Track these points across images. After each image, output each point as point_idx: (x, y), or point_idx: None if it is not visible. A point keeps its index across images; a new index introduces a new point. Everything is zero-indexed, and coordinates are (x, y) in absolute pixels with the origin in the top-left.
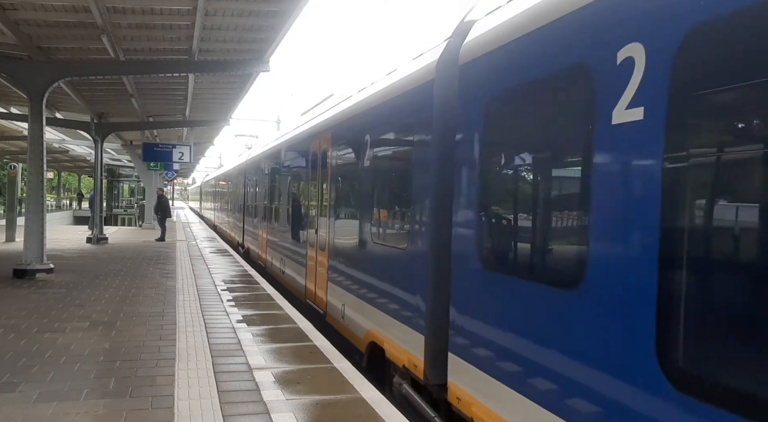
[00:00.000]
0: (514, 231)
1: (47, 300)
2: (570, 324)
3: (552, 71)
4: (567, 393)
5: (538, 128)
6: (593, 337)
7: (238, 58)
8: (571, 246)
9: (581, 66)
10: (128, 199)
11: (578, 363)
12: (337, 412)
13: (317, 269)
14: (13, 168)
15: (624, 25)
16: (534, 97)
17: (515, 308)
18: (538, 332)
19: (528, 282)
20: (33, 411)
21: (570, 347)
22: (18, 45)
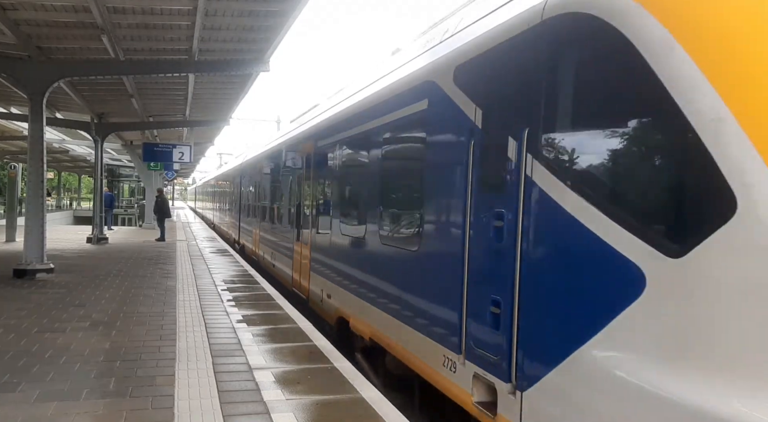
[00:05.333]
0: (391, 220)
1: (47, 300)
2: (414, 269)
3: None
4: (414, 310)
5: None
6: (426, 275)
7: (238, 58)
8: (413, 228)
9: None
10: (128, 199)
11: (422, 292)
12: (337, 412)
13: (301, 261)
14: (13, 168)
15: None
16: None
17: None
18: (402, 276)
19: (397, 248)
20: (33, 411)
21: (415, 282)
22: (18, 45)
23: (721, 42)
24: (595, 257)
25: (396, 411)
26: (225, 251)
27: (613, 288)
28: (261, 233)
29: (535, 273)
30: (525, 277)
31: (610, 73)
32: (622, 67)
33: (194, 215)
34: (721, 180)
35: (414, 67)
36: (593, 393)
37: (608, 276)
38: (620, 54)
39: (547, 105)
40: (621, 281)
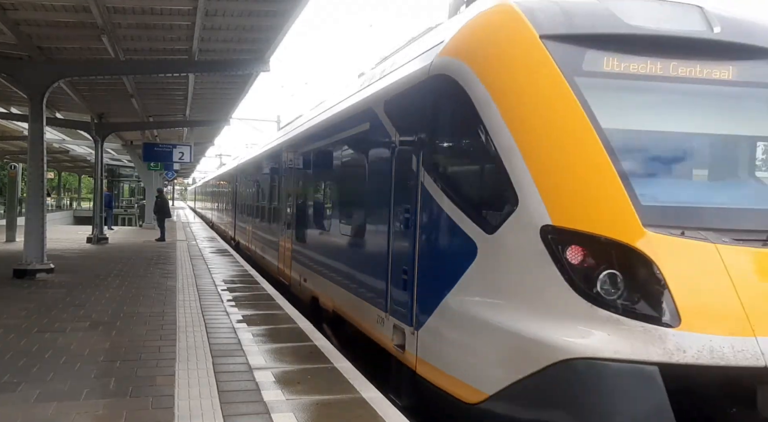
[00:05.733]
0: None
1: (47, 300)
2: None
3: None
4: (360, 284)
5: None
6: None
7: (238, 58)
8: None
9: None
10: (128, 199)
11: (365, 270)
12: (337, 412)
13: (284, 254)
14: (13, 168)
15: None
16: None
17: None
18: (352, 259)
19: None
20: (33, 411)
21: (360, 263)
22: (18, 45)
23: (513, 103)
24: (452, 235)
25: (396, 412)
26: (225, 251)
27: (461, 255)
28: (253, 230)
29: (423, 249)
30: (419, 252)
31: (459, 116)
32: (464, 113)
33: (194, 215)
34: (511, 187)
35: (361, 97)
36: (453, 327)
37: (458, 247)
38: (463, 104)
39: (429, 135)
40: (465, 250)
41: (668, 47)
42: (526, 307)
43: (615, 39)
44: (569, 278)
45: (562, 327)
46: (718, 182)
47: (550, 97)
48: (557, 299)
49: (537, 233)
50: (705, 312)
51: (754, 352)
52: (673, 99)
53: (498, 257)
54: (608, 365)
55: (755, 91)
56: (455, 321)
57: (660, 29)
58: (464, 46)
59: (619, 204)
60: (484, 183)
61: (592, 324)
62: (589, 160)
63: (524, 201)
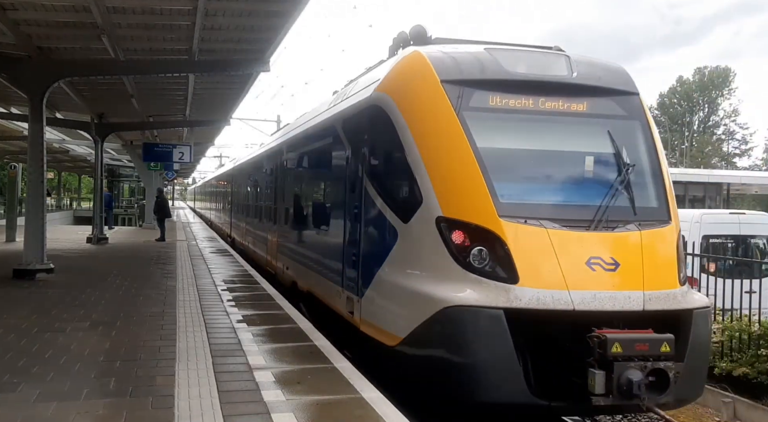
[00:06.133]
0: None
1: (47, 300)
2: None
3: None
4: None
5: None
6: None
7: (238, 58)
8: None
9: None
10: (128, 199)
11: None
12: (337, 412)
13: (272, 247)
14: (13, 168)
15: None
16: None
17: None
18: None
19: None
20: (33, 411)
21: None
22: (18, 45)
23: (420, 129)
24: (383, 226)
25: (396, 411)
26: (225, 251)
27: (388, 240)
28: (246, 227)
29: (365, 237)
30: (362, 240)
31: (386, 137)
32: (389, 135)
33: (193, 215)
34: (419, 190)
35: (328, 115)
36: (382, 293)
37: (386, 234)
38: (389, 128)
39: (369, 150)
40: (390, 236)
41: (538, 88)
42: (425, 274)
43: (496, 82)
44: (452, 253)
45: (446, 287)
46: (561, 186)
47: (444, 126)
48: (444, 267)
49: (433, 222)
50: (535, 274)
51: (566, 301)
52: (539, 126)
53: (410, 240)
54: (471, 309)
55: (601, 120)
56: (383, 288)
57: (532, 74)
58: (390, 85)
59: (484, 202)
60: (402, 187)
61: (464, 284)
62: (466, 171)
63: (426, 200)
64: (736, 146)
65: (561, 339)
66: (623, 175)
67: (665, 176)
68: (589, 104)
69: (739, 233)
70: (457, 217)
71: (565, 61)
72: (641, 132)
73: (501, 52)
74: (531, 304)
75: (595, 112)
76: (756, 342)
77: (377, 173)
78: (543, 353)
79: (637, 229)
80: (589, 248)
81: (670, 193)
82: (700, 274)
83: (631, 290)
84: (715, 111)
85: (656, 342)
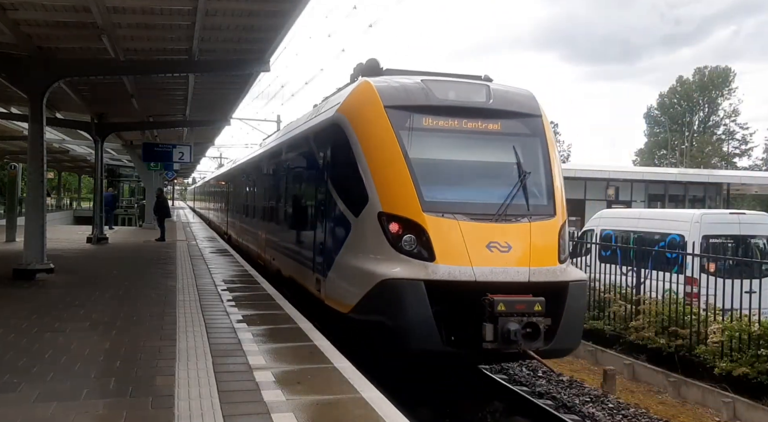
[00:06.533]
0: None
1: (47, 300)
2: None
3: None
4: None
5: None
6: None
7: (238, 58)
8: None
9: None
10: (128, 199)
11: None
12: (337, 412)
13: (261, 242)
14: (13, 168)
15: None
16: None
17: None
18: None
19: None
20: (33, 411)
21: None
22: (18, 45)
23: (367, 143)
24: (341, 220)
25: (396, 411)
26: (225, 251)
27: (344, 231)
28: (240, 225)
29: (329, 230)
30: (327, 232)
31: (343, 149)
32: (346, 147)
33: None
34: (366, 191)
35: (303, 128)
36: (339, 272)
37: (343, 227)
38: (345, 142)
39: (331, 159)
40: (346, 228)
41: (461, 111)
42: (369, 256)
43: (427, 107)
44: (389, 239)
45: (383, 265)
46: (473, 188)
47: (385, 141)
48: (383, 251)
49: (376, 216)
50: (448, 254)
51: (470, 274)
52: (461, 142)
53: (360, 230)
54: (400, 281)
55: (510, 137)
56: (340, 269)
57: (458, 101)
58: (346, 107)
59: (413, 200)
60: (355, 189)
61: (397, 263)
62: (400, 176)
63: (371, 199)
64: (736, 146)
65: (465, 302)
66: (521, 180)
67: (556, 180)
68: (502, 125)
69: (739, 233)
70: (393, 212)
71: (486, 89)
72: (540, 147)
73: (434, 82)
74: (444, 276)
75: (506, 131)
76: (756, 342)
77: (337, 178)
78: (452, 313)
79: (528, 221)
80: (490, 235)
81: (558, 194)
82: (700, 274)
83: (519, 266)
84: (715, 111)
85: (531, 303)
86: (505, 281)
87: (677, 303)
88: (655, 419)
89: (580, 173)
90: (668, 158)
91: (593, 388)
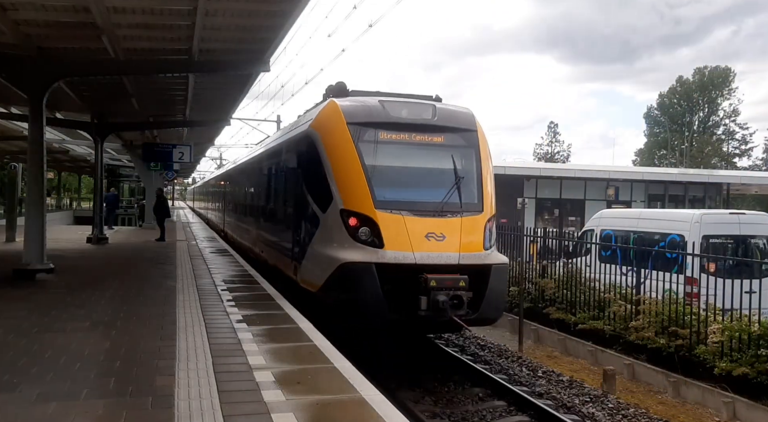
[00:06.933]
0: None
1: (47, 300)
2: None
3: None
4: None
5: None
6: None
7: (238, 58)
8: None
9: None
10: (128, 199)
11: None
12: (338, 412)
13: (252, 237)
14: (13, 168)
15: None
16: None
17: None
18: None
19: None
20: (33, 411)
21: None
22: (18, 45)
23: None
24: (312, 216)
25: (396, 412)
26: (225, 251)
27: (315, 225)
28: (235, 222)
29: (303, 224)
30: (303, 227)
31: (314, 157)
32: (315, 156)
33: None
34: (331, 192)
35: (285, 138)
36: (310, 259)
37: (314, 221)
38: (315, 151)
39: (305, 164)
40: (316, 222)
41: (411, 127)
42: (333, 245)
43: (382, 123)
44: (349, 232)
45: (343, 252)
46: (417, 189)
47: (347, 151)
48: (343, 241)
49: (339, 212)
50: (394, 242)
51: (411, 258)
52: (409, 152)
53: (326, 224)
54: (356, 264)
55: (450, 148)
56: (311, 256)
57: (408, 118)
58: (317, 123)
59: (367, 199)
60: (322, 190)
61: (354, 250)
62: (358, 180)
63: (335, 198)
64: (736, 146)
65: (408, 280)
66: (456, 183)
67: (486, 183)
68: (445, 138)
69: (739, 233)
70: (352, 209)
71: (432, 108)
72: (474, 156)
73: (389, 102)
74: (390, 260)
75: (447, 143)
76: (756, 342)
77: (309, 181)
78: (397, 289)
79: (460, 216)
80: (428, 227)
81: (487, 194)
82: (700, 274)
83: (451, 252)
84: (715, 111)
85: (457, 280)
86: (440, 264)
87: (677, 303)
88: (655, 419)
89: (580, 173)
90: (668, 158)
91: (593, 388)
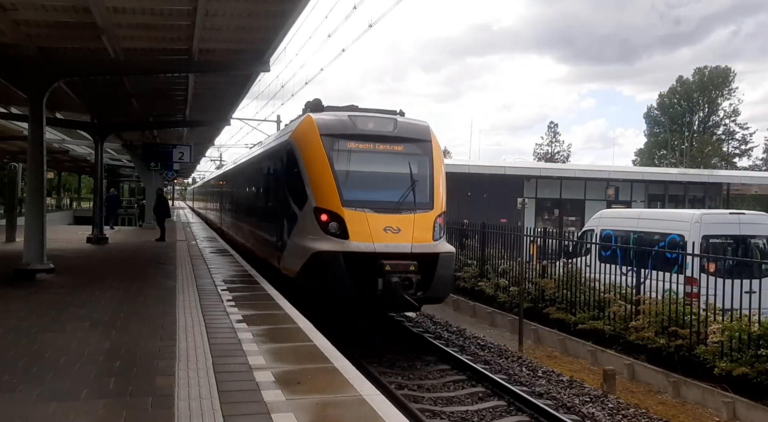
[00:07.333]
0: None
1: (47, 300)
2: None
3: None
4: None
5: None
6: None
7: (238, 58)
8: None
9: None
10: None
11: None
12: (338, 412)
13: (247, 234)
14: (13, 168)
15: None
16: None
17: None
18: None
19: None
20: (33, 411)
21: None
22: (18, 45)
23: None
24: (292, 213)
25: (396, 412)
26: (225, 251)
27: (293, 221)
28: (231, 220)
29: (285, 220)
30: (285, 222)
31: (293, 163)
32: (295, 162)
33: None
34: (306, 193)
35: (271, 146)
36: (290, 249)
37: (293, 218)
38: (295, 157)
39: (287, 168)
40: (294, 218)
41: (375, 138)
42: (308, 237)
43: (351, 135)
44: (321, 226)
45: (316, 243)
46: (379, 190)
47: (319, 159)
48: (316, 233)
49: (312, 210)
50: (358, 235)
51: (372, 248)
52: (374, 159)
53: (302, 220)
54: (326, 252)
55: (408, 156)
56: (291, 247)
57: (373, 130)
58: (296, 134)
59: (336, 199)
60: (299, 191)
61: (324, 241)
62: (328, 183)
63: (309, 198)
64: (736, 146)
65: (369, 266)
66: (412, 186)
67: (437, 185)
68: (404, 147)
69: (739, 233)
70: (323, 206)
71: (393, 122)
72: (428, 163)
73: (357, 117)
74: (354, 249)
75: (405, 152)
76: (756, 342)
77: (289, 183)
78: (360, 273)
79: (413, 213)
80: (386, 222)
81: (437, 195)
82: (700, 274)
83: (405, 242)
84: (715, 111)
85: (407, 265)
86: (395, 252)
87: (677, 303)
88: (655, 419)
89: (580, 173)
90: (668, 158)
91: (593, 388)
